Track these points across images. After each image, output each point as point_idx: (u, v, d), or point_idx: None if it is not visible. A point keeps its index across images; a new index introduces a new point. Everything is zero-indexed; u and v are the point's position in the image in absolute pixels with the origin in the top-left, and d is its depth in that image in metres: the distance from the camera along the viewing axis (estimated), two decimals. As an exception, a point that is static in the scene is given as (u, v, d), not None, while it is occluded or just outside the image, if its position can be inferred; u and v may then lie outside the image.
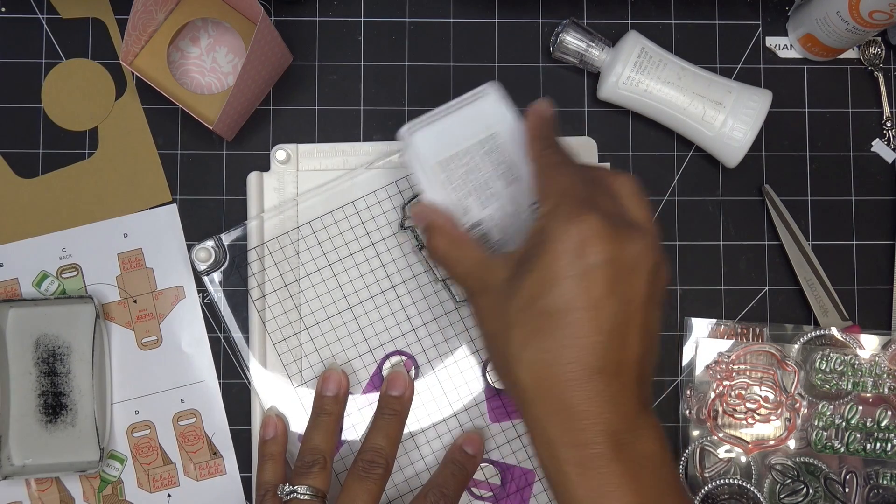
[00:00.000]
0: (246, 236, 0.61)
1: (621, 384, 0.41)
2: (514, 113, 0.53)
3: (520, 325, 0.42)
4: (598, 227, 0.41)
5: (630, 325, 0.42)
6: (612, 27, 0.64)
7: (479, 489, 0.60)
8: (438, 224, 0.50)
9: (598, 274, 0.41)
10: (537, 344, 0.42)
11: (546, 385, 0.41)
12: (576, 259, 0.41)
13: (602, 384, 0.41)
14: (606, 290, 0.41)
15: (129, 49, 0.59)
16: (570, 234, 0.41)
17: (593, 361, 0.41)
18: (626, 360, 0.42)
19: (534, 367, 0.42)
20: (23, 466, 0.59)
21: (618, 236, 0.42)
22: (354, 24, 0.64)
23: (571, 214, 0.42)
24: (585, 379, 0.41)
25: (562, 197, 0.43)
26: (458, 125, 0.53)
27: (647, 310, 0.43)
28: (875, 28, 0.59)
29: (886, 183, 0.65)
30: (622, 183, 0.46)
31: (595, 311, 0.41)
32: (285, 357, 0.60)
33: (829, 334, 0.61)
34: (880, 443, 0.60)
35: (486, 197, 0.52)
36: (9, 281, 0.61)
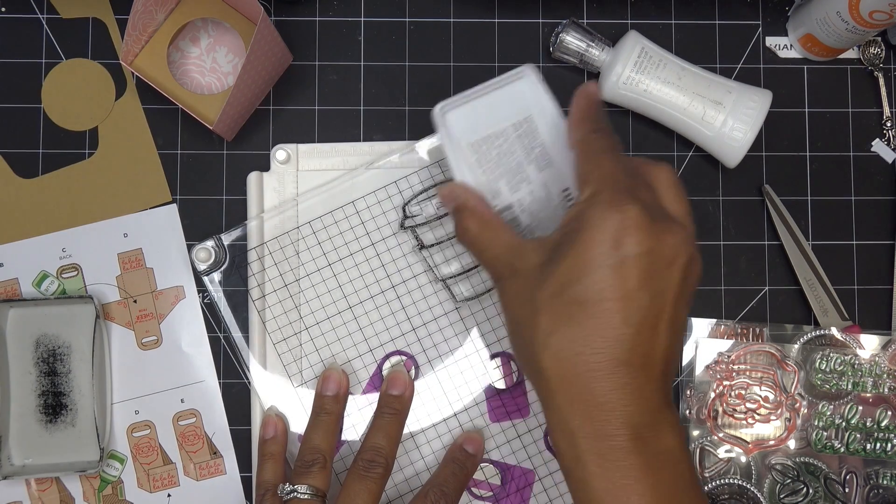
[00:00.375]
0: (246, 236, 0.61)
1: (646, 378, 0.41)
2: (550, 97, 0.52)
3: (548, 312, 0.42)
4: (637, 218, 0.40)
5: (660, 319, 0.41)
6: (612, 27, 0.64)
7: (479, 489, 0.60)
8: (470, 205, 0.49)
9: (633, 265, 0.40)
10: (565, 332, 0.41)
11: (571, 374, 0.41)
12: (612, 249, 0.40)
13: (628, 377, 0.40)
14: (640, 282, 0.40)
15: (129, 49, 0.59)
16: (609, 222, 0.41)
17: (620, 353, 0.40)
18: (652, 354, 0.41)
19: (559, 356, 0.41)
20: (23, 466, 0.59)
21: (656, 229, 0.41)
22: (354, 24, 0.64)
23: (612, 202, 0.41)
24: (611, 370, 0.40)
25: (603, 183, 0.43)
26: (492, 106, 0.52)
27: (678, 305, 0.42)
28: (875, 28, 0.59)
29: (886, 183, 0.65)
30: (661, 174, 0.46)
31: (626, 302, 0.40)
32: (285, 357, 0.60)
33: (829, 334, 0.61)
34: (880, 443, 0.60)
35: (517, 181, 0.51)
36: (9, 281, 0.61)
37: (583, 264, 0.41)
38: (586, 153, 0.45)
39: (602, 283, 0.40)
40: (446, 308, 0.60)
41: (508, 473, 0.60)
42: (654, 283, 0.41)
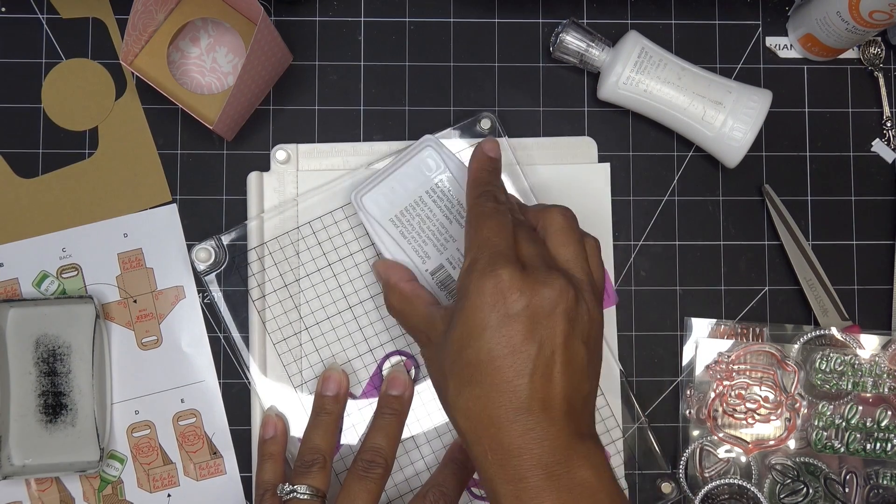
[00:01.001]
0: (246, 236, 0.61)
1: (549, 420, 0.43)
2: (453, 159, 0.57)
3: (453, 376, 0.45)
4: (509, 279, 0.44)
5: (552, 364, 0.44)
6: (612, 27, 0.64)
7: (479, 488, 0.60)
8: (392, 282, 0.54)
9: (514, 322, 0.44)
10: (468, 392, 0.44)
11: (480, 428, 0.44)
12: (491, 311, 0.44)
13: (530, 422, 0.43)
14: (524, 335, 0.44)
15: (129, 49, 0.59)
16: (484, 288, 0.44)
17: (519, 402, 0.43)
18: (551, 397, 0.44)
19: (468, 413, 0.45)
20: (23, 466, 0.59)
21: (532, 284, 0.44)
22: (354, 24, 0.64)
23: (485, 269, 0.45)
24: (513, 419, 0.43)
25: (479, 250, 0.46)
26: (403, 179, 0.56)
27: (569, 347, 0.44)
28: (875, 28, 0.59)
29: (886, 183, 0.65)
30: (551, 219, 0.49)
31: (515, 356, 0.43)
32: (285, 357, 0.60)
33: (829, 334, 0.61)
34: (880, 443, 0.60)
35: (442, 241, 0.56)
36: (9, 281, 0.61)
37: (470, 329, 0.45)
38: (469, 220, 0.49)
39: (489, 344, 0.44)
40: (446, 308, 0.60)
41: (508, 473, 0.60)
42: (539, 334, 0.44)
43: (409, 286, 0.53)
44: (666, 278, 0.63)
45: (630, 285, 0.63)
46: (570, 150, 0.63)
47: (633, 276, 0.63)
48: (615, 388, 0.61)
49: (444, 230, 0.56)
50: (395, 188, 0.56)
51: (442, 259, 0.56)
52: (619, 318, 0.62)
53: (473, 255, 0.46)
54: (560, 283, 0.45)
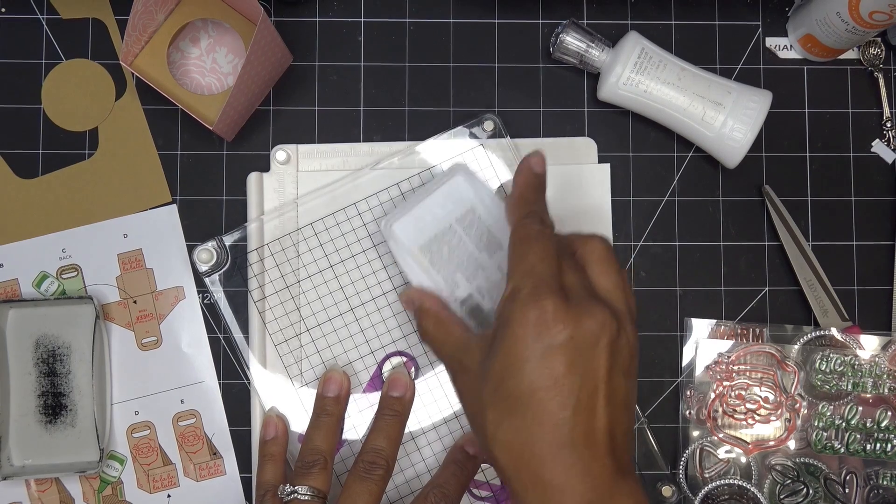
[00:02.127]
0: (247, 237, 0.61)
1: (592, 455, 0.43)
2: (485, 185, 0.56)
3: (492, 407, 0.44)
4: (554, 310, 0.43)
5: (595, 397, 0.43)
6: (612, 27, 0.64)
7: (480, 490, 0.60)
8: (426, 307, 0.53)
9: (557, 354, 0.43)
10: (508, 424, 0.44)
11: (520, 462, 0.43)
12: (535, 342, 0.43)
13: (572, 457, 0.42)
14: (567, 368, 0.43)
15: (129, 49, 0.59)
16: (527, 318, 0.43)
17: (562, 437, 0.42)
18: (594, 432, 0.43)
19: (508, 447, 0.44)
20: (23, 467, 0.59)
21: (575, 315, 0.43)
22: (354, 25, 0.64)
23: (529, 299, 0.44)
24: (555, 454, 0.42)
25: (523, 278, 0.45)
26: (434, 207, 0.55)
27: (613, 380, 0.44)
28: (875, 28, 0.59)
29: (886, 183, 0.65)
30: (591, 248, 0.48)
31: (558, 389, 0.42)
32: (286, 358, 0.60)
33: (829, 335, 0.61)
34: (880, 443, 0.60)
35: (472, 270, 0.55)
36: (9, 281, 0.61)
37: (512, 360, 0.44)
38: (514, 242, 0.48)
39: (532, 376, 0.43)
40: (446, 308, 0.61)
41: (509, 474, 0.60)
42: (582, 366, 0.43)
43: (444, 313, 0.53)
44: (666, 279, 0.63)
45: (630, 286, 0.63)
46: (570, 150, 0.63)
47: (633, 276, 0.63)
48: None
49: (473, 259, 0.55)
50: (424, 216, 0.55)
51: (471, 288, 0.55)
52: (619, 319, 0.62)
53: (517, 282, 0.45)
54: (603, 315, 0.44)
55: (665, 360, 0.62)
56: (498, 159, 0.61)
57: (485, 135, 0.61)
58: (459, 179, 0.56)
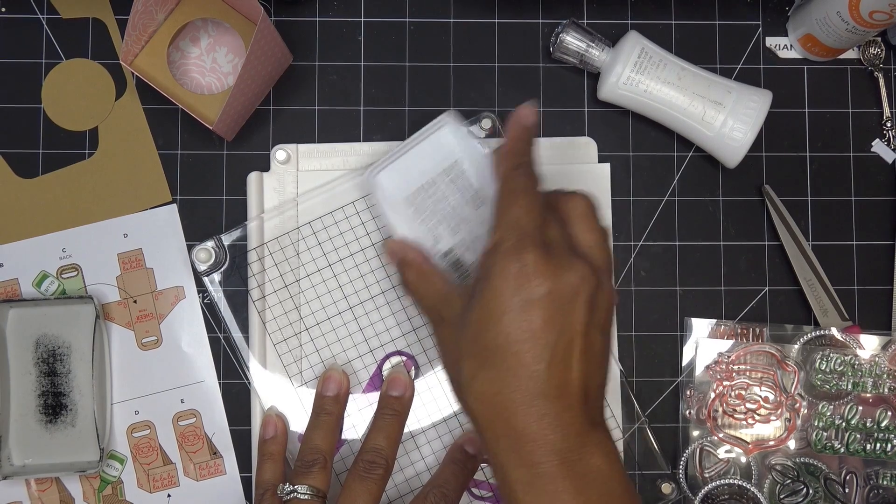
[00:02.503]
0: (246, 236, 0.61)
1: (564, 406, 0.43)
2: (473, 138, 0.56)
3: (469, 357, 0.45)
4: (535, 263, 0.44)
5: (570, 351, 0.44)
6: (612, 27, 0.64)
7: (480, 489, 0.60)
8: (409, 258, 0.54)
9: (535, 307, 0.43)
10: (484, 375, 0.44)
11: (494, 412, 0.44)
12: (514, 295, 0.44)
13: (545, 407, 0.43)
14: (544, 321, 0.43)
15: (129, 49, 0.59)
16: (508, 271, 0.44)
17: (535, 387, 0.43)
18: (568, 384, 0.44)
19: (482, 396, 0.44)
20: (23, 466, 0.59)
21: (555, 269, 0.44)
22: (354, 24, 0.64)
23: (511, 251, 0.44)
24: (529, 404, 0.43)
25: (507, 230, 0.46)
26: (420, 158, 0.55)
27: (589, 335, 0.44)
28: (875, 28, 0.59)
29: (886, 183, 0.65)
30: (574, 205, 0.49)
31: (534, 342, 0.43)
32: (285, 357, 0.60)
33: (829, 334, 0.61)
34: (880, 443, 0.60)
35: (455, 223, 0.55)
36: (9, 281, 0.61)
37: (490, 312, 0.44)
38: (501, 194, 0.48)
39: (510, 328, 0.43)
40: (446, 308, 0.61)
41: (508, 473, 0.60)
42: (559, 320, 0.44)
43: (426, 264, 0.53)
44: (666, 278, 0.63)
45: (630, 285, 0.63)
46: (570, 150, 0.63)
47: (633, 276, 0.63)
48: (615, 388, 0.61)
49: (457, 212, 0.55)
50: (410, 166, 0.55)
51: (454, 241, 0.55)
52: (619, 318, 0.62)
53: (500, 234, 0.46)
54: (583, 270, 0.45)
55: (665, 360, 0.62)
56: (498, 159, 0.61)
57: (482, 133, 0.61)
58: (446, 131, 0.56)
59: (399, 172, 0.55)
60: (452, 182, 0.55)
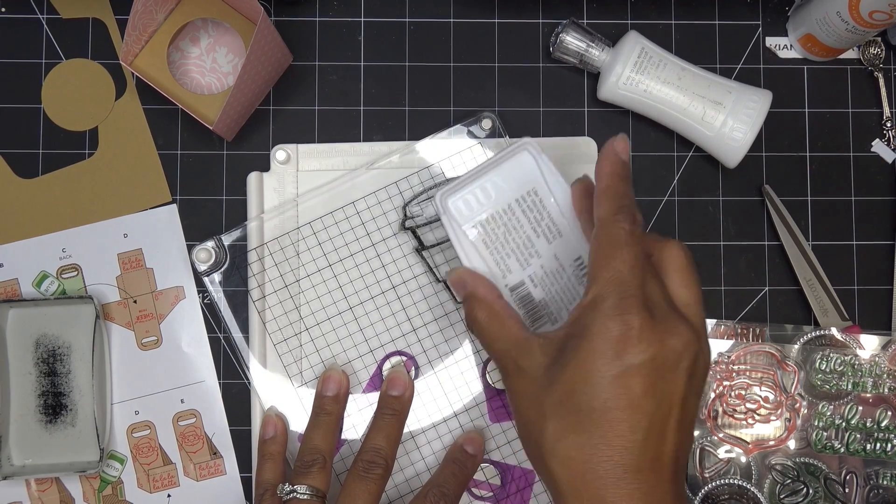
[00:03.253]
0: (246, 236, 0.61)
1: (657, 480, 0.41)
2: (552, 166, 0.51)
3: (555, 418, 0.42)
4: (640, 327, 0.41)
5: (667, 421, 0.41)
6: (612, 27, 0.64)
7: (480, 489, 0.60)
8: (479, 294, 0.49)
9: (635, 375, 0.40)
10: (573, 439, 0.41)
11: (580, 481, 0.41)
12: (615, 359, 0.40)
13: (637, 482, 0.40)
14: (644, 389, 0.40)
15: (129, 49, 0.59)
16: (609, 332, 0.41)
17: (629, 460, 0.40)
18: (662, 457, 0.41)
19: (569, 463, 0.41)
20: (23, 466, 0.59)
21: (659, 333, 0.41)
22: (354, 24, 0.64)
23: (613, 311, 0.41)
24: (620, 477, 0.40)
25: (610, 286, 0.42)
26: (494, 184, 0.51)
27: (686, 404, 0.42)
28: (875, 28, 0.59)
29: (886, 183, 0.65)
30: (671, 257, 0.45)
31: (632, 411, 0.40)
32: (285, 357, 0.60)
33: (829, 334, 0.61)
34: (880, 443, 0.60)
35: (527, 256, 0.51)
36: (9, 281, 0.61)
37: (586, 374, 0.41)
38: (600, 243, 0.44)
39: (607, 394, 0.40)
40: (446, 308, 0.60)
41: (509, 474, 0.60)
42: (660, 389, 0.41)
43: (500, 303, 0.48)
44: (666, 278, 0.63)
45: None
46: (570, 150, 0.63)
47: (634, 276, 0.63)
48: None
49: (529, 244, 0.51)
50: (483, 193, 0.51)
51: (524, 275, 0.51)
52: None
53: (600, 289, 0.42)
54: (688, 334, 0.42)
55: (665, 360, 0.62)
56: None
57: (483, 133, 0.61)
58: (526, 157, 0.51)
59: (471, 197, 0.51)
60: (526, 212, 0.51)
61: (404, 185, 0.61)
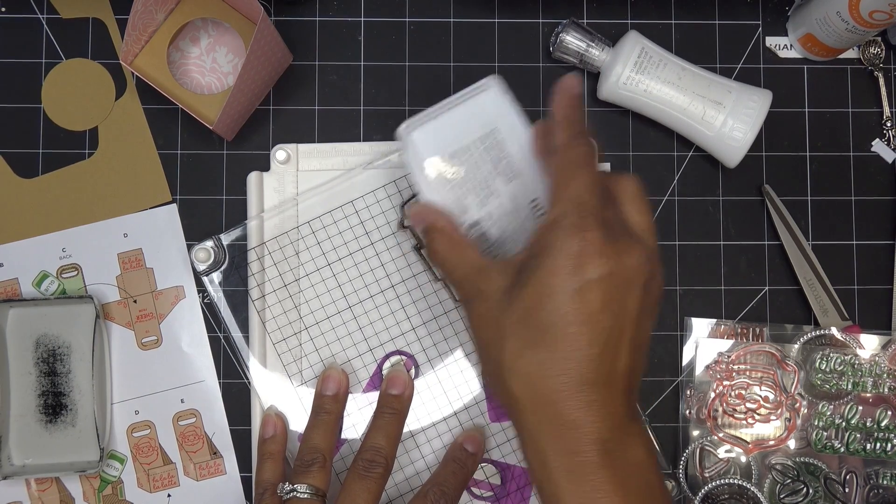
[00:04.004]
0: (246, 236, 0.61)
1: (611, 394, 0.42)
2: (515, 107, 0.52)
3: (515, 336, 0.43)
4: (598, 243, 0.42)
5: (622, 337, 0.42)
6: (612, 27, 0.64)
7: (480, 489, 0.60)
8: (439, 226, 0.50)
9: (594, 289, 0.41)
10: (531, 356, 0.42)
11: (539, 395, 0.42)
12: (573, 275, 0.41)
13: (593, 395, 0.42)
14: (602, 305, 0.42)
15: (129, 49, 0.59)
16: (570, 248, 0.42)
17: (586, 373, 0.41)
18: (616, 372, 0.42)
19: (527, 378, 0.42)
20: (23, 466, 0.59)
21: (615, 251, 0.42)
22: (354, 24, 0.64)
23: (573, 228, 0.42)
24: (577, 390, 0.41)
25: (570, 205, 0.43)
26: (457, 121, 0.52)
27: (640, 322, 0.43)
28: (875, 28, 0.59)
29: (886, 183, 0.65)
30: (625, 185, 0.47)
31: (590, 325, 0.41)
32: (285, 357, 0.60)
33: (829, 334, 0.61)
34: (880, 443, 0.60)
35: (485, 195, 0.51)
36: (9, 281, 0.61)
37: (546, 290, 0.42)
38: (559, 166, 0.46)
39: (565, 308, 0.41)
40: (446, 307, 0.61)
41: (508, 473, 0.60)
42: (616, 305, 0.42)
43: (457, 233, 0.50)
44: (666, 278, 0.63)
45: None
46: (570, 150, 0.63)
47: (633, 276, 0.63)
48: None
49: (488, 183, 0.51)
50: (447, 128, 0.51)
51: (481, 213, 0.51)
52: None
53: (561, 209, 0.43)
54: (642, 253, 0.43)
55: (665, 360, 0.62)
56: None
57: None
58: (490, 95, 0.52)
59: (434, 133, 0.51)
60: (487, 151, 0.51)
61: (403, 184, 0.61)
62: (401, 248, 0.61)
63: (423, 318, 0.60)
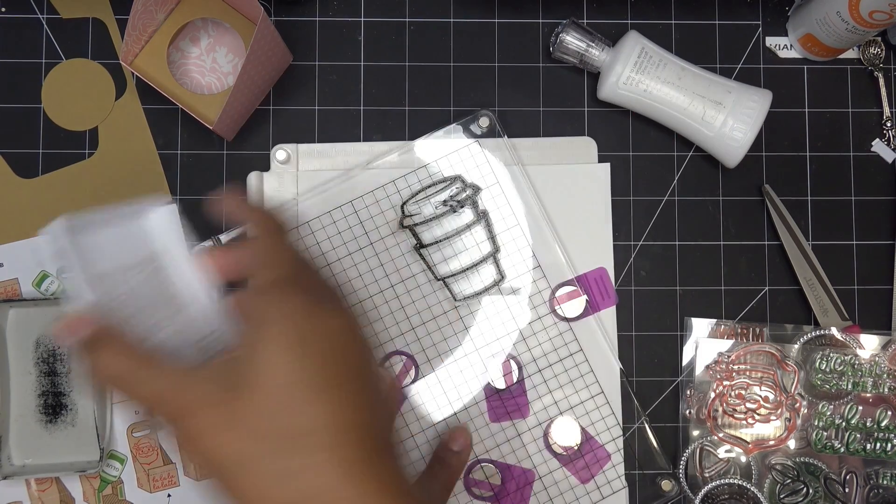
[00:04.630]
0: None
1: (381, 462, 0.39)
2: (182, 237, 0.46)
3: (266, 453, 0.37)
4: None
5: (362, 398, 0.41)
6: (612, 27, 0.64)
7: (480, 489, 0.60)
8: (114, 336, 0.40)
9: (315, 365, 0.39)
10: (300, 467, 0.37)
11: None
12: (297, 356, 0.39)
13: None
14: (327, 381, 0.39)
15: (129, 49, 0.59)
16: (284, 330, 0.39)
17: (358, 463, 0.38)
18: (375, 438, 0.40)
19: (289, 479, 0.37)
20: (23, 466, 0.59)
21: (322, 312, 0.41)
22: (354, 24, 0.64)
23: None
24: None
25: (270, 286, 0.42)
26: (120, 239, 0.44)
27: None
28: (875, 28, 0.59)
29: (886, 183, 0.64)
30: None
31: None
32: (285, 357, 0.60)
33: (829, 334, 0.61)
34: (880, 443, 0.60)
35: (148, 328, 0.43)
36: (9, 281, 0.61)
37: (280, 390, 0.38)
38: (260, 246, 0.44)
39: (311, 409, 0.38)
40: (445, 307, 0.60)
41: (508, 473, 0.60)
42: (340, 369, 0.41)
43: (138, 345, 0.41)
44: (666, 278, 0.63)
45: (630, 285, 0.63)
46: (570, 150, 0.63)
47: (633, 276, 0.63)
48: (615, 387, 0.61)
49: (151, 313, 0.44)
50: (111, 242, 0.44)
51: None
52: (619, 318, 0.62)
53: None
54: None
55: (665, 360, 0.62)
56: (494, 157, 0.61)
57: (480, 131, 0.61)
58: (157, 219, 0.46)
59: (98, 243, 0.44)
60: (148, 279, 0.44)
61: (402, 184, 0.61)
62: (401, 248, 0.61)
63: (423, 317, 0.60)
